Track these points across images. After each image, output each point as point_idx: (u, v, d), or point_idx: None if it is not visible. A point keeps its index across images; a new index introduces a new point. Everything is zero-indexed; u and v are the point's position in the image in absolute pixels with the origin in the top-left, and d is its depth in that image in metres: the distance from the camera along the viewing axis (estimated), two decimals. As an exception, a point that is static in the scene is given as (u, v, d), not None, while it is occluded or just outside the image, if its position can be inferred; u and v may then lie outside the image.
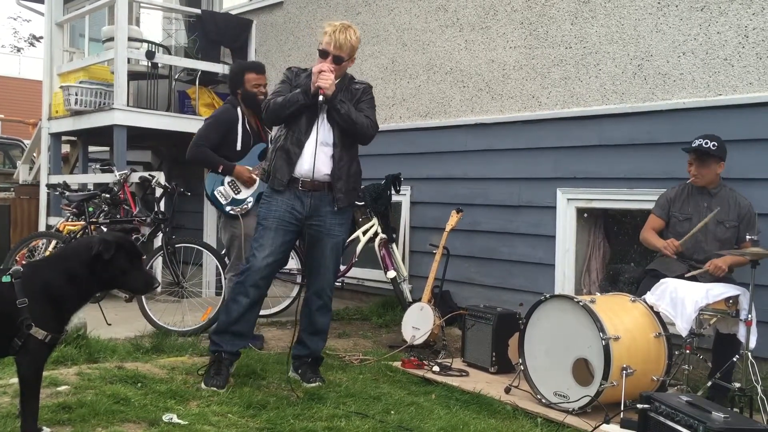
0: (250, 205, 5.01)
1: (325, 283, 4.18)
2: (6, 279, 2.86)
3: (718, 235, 4.20)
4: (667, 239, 4.27)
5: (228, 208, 4.98)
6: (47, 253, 6.22)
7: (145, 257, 3.54)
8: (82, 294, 3.03)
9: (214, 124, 5.10)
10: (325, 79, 3.92)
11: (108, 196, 6.38)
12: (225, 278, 5.16)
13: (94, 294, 3.18)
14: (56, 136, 8.49)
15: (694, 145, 4.20)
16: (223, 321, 4.09)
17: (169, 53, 8.48)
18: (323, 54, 4.01)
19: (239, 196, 5.02)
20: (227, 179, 5.01)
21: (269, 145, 5.02)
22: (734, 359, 3.81)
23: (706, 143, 4.16)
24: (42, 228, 8.15)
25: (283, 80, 4.19)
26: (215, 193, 5.00)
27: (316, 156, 3.99)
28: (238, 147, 5.03)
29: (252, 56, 8.32)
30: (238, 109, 5.07)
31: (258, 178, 5.01)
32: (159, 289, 6.39)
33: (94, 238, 3.07)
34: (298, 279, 6.08)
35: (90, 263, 2.95)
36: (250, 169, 5.03)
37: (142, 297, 5.32)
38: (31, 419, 2.90)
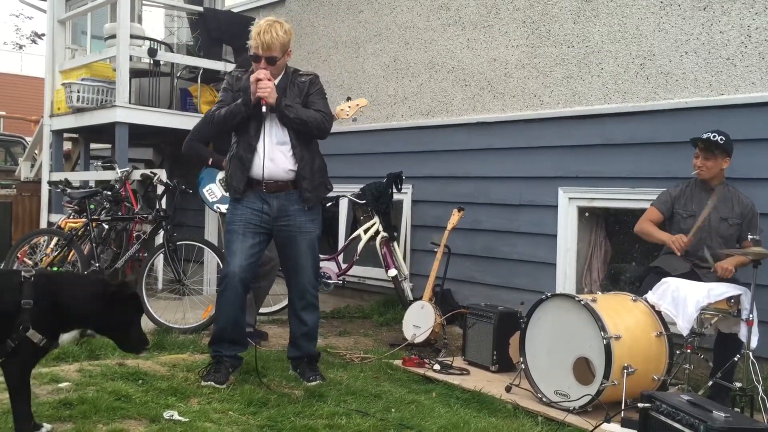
0: None
1: (306, 282, 4.10)
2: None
3: (721, 232, 4.21)
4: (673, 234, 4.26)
5: (215, 206, 4.98)
6: (48, 250, 6.23)
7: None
8: (82, 318, 2.98)
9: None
10: (264, 88, 3.84)
11: (110, 193, 6.39)
12: None
13: (84, 327, 3.15)
14: (58, 134, 8.48)
15: (703, 137, 4.22)
16: (216, 329, 4.09)
17: (172, 51, 8.48)
18: (255, 58, 3.95)
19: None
20: (219, 177, 4.99)
21: None
22: (735, 359, 3.80)
23: (715, 136, 4.18)
24: (43, 225, 8.15)
25: (225, 87, 4.11)
26: (204, 191, 5.00)
27: (274, 156, 3.93)
28: None
29: (254, 54, 8.31)
30: None
31: None
32: (160, 286, 6.44)
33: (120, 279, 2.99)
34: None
35: (104, 295, 2.91)
36: None
37: (144, 294, 5.34)
38: (21, 421, 2.88)
